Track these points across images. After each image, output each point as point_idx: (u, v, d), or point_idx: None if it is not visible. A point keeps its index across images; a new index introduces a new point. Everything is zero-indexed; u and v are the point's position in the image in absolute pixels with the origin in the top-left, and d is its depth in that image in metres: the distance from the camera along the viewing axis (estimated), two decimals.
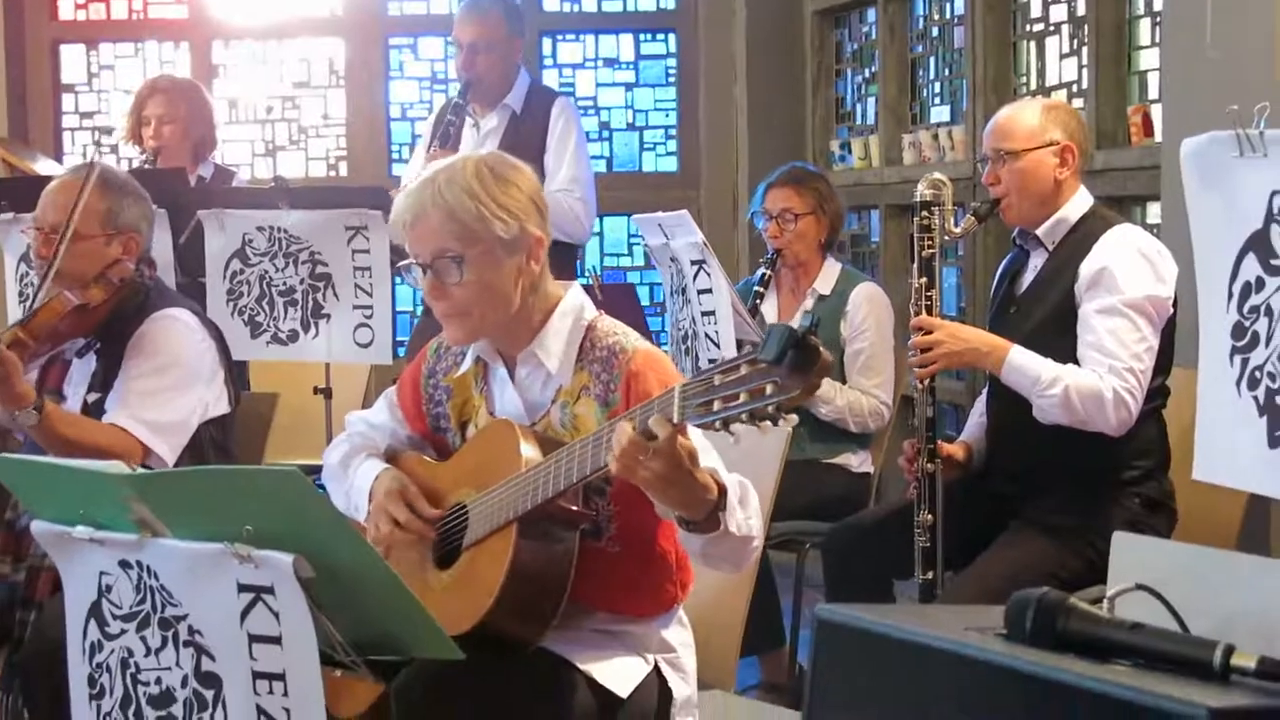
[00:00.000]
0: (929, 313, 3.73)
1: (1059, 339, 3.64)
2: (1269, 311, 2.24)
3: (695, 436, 2.46)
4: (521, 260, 2.72)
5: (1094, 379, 3.53)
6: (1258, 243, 2.24)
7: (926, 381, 3.74)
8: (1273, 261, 2.24)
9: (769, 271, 4.77)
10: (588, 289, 4.44)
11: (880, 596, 3.91)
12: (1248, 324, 2.27)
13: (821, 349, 2.14)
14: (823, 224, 4.80)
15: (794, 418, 2.20)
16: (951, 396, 5.76)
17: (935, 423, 3.76)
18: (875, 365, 4.71)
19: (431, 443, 2.96)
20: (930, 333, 3.70)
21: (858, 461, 4.75)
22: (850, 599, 3.83)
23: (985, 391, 3.97)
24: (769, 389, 2.15)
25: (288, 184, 4.64)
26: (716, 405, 2.22)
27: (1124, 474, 3.65)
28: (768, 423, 2.17)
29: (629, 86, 7.46)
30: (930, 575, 3.70)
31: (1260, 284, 2.27)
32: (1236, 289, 2.29)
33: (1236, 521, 3.76)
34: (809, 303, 4.78)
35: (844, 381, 4.69)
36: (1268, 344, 2.21)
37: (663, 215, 4.39)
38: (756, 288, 4.74)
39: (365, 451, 2.97)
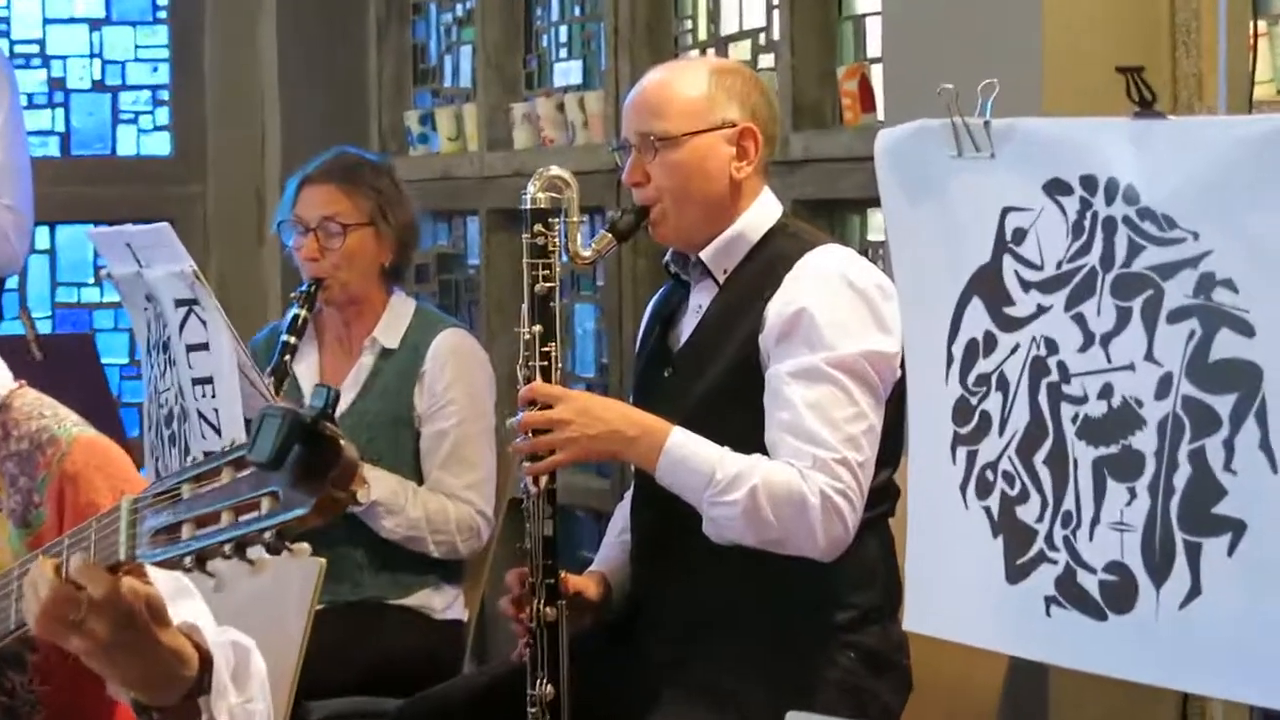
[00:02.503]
0: (547, 378, 3.79)
1: (737, 415, 3.73)
2: (1003, 383, 2.30)
3: (163, 575, 2.45)
4: None
5: (792, 476, 3.59)
6: (986, 283, 2.30)
7: (544, 482, 3.80)
8: (1007, 310, 2.30)
9: (304, 312, 4.74)
10: (18, 340, 4.42)
11: None
12: (974, 401, 2.33)
13: (343, 442, 2.15)
14: (385, 240, 4.82)
15: (305, 546, 2.21)
16: (589, 499, 5.84)
17: (556, 544, 3.82)
18: (467, 455, 4.76)
19: None
20: (549, 408, 3.76)
21: (443, 602, 4.79)
22: None
23: (629, 495, 4.05)
24: (265, 505, 2.15)
25: None
26: (186, 532, 2.21)
27: (834, 617, 3.76)
28: (265, 555, 2.18)
29: (95, 25, 7.39)
30: None
31: (991, 342, 2.32)
32: (959, 350, 2.36)
33: (997, 687, 3.89)
34: (367, 359, 4.81)
35: (420, 480, 4.74)
36: (1002, 431, 2.27)
37: (132, 230, 4.34)
38: (286, 337, 4.71)
39: None
